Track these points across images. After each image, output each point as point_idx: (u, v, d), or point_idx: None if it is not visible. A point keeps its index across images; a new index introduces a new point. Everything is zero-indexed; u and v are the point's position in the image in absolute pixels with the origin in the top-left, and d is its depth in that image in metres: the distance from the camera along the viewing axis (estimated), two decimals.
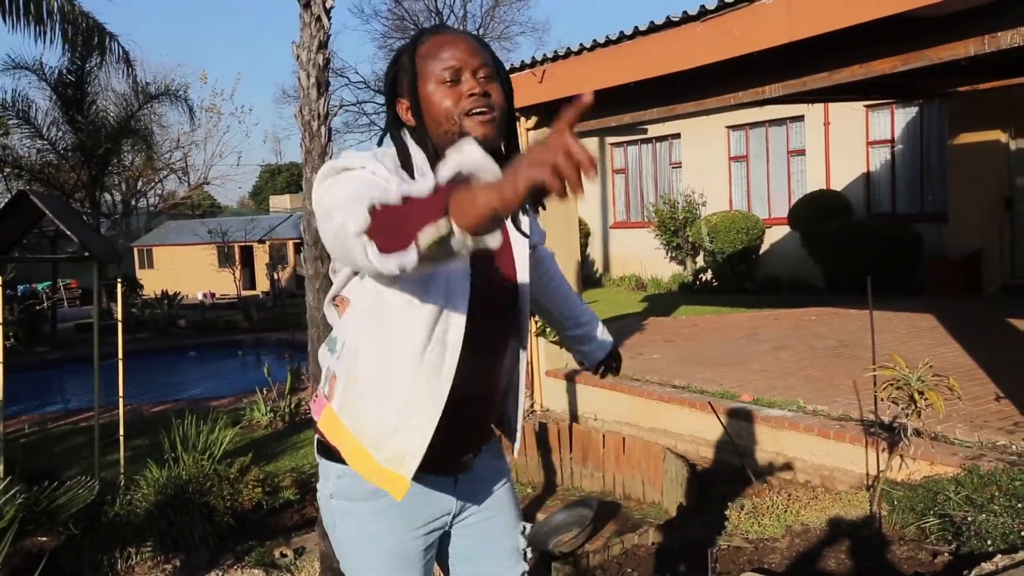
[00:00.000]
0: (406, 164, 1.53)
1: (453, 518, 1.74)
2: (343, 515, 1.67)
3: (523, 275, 1.65)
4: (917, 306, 9.16)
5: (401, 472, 1.52)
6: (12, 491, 3.81)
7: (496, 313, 1.62)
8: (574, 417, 6.66)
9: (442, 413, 1.52)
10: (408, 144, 1.55)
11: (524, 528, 1.87)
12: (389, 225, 1.16)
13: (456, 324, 1.50)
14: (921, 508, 3.93)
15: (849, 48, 4.74)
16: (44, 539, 4.22)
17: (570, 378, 6.81)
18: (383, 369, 1.53)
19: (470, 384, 1.56)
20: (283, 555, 4.24)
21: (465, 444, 1.68)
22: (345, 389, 1.59)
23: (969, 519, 3.67)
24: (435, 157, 1.52)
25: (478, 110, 1.48)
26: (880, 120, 12.71)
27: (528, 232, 1.69)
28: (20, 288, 16.78)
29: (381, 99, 36.14)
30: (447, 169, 1.11)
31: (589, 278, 15.98)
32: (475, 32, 34.20)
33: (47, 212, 5.02)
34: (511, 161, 1.08)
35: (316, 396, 1.71)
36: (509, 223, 1.61)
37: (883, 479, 4.07)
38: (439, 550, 1.79)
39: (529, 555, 1.87)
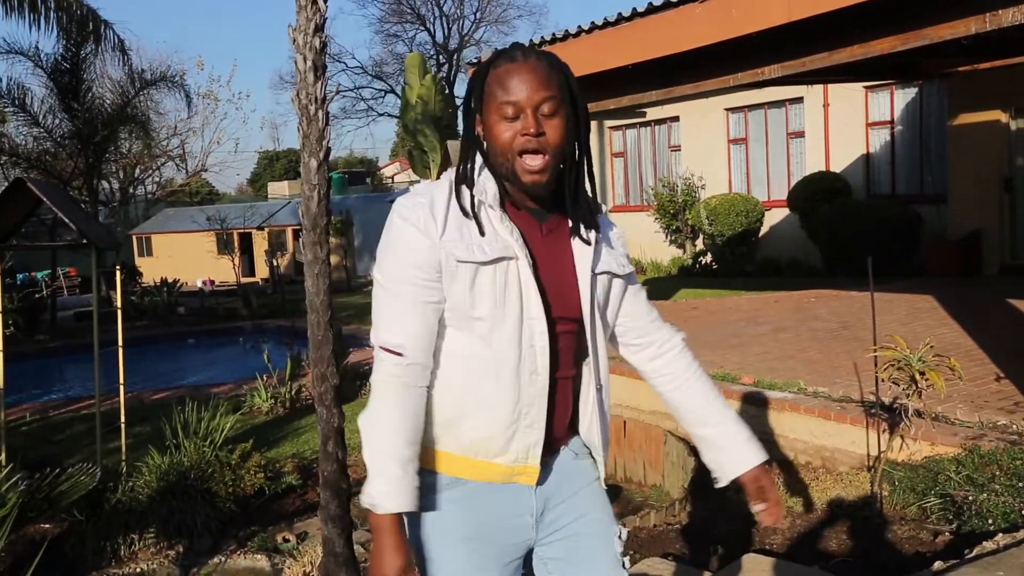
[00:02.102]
0: (467, 192, 1.59)
1: (537, 521, 1.70)
2: (431, 516, 1.66)
3: (585, 276, 1.65)
4: (917, 287, 9.17)
5: (531, 463, 1.64)
6: (14, 478, 3.81)
7: (564, 321, 1.65)
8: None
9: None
10: (475, 170, 1.60)
11: (620, 532, 1.77)
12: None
13: (539, 328, 1.59)
14: (922, 488, 3.94)
15: (848, 28, 4.71)
16: (47, 526, 4.23)
17: None
18: (477, 397, 1.61)
19: (558, 388, 1.65)
20: (285, 540, 4.25)
21: (551, 439, 1.68)
22: (434, 423, 1.64)
23: (970, 499, 3.68)
24: (499, 176, 1.59)
25: (531, 149, 1.53)
26: (880, 101, 12.66)
27: (600, 251, 1.68)
28: (19, 276, 16.76)
29: (379, 84, 36.04)
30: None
31: None
32: (473, 16, 33.83)
33: (45, 200, 5.01)
34: (576, 187, 1.61)
35: None
36: (573, 231, 1.65)
37: (884, 460, 4.08)
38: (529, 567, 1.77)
39: (627, 565, 1.77)
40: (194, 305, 16.34)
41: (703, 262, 14.44)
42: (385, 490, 1.53)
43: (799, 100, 13.44)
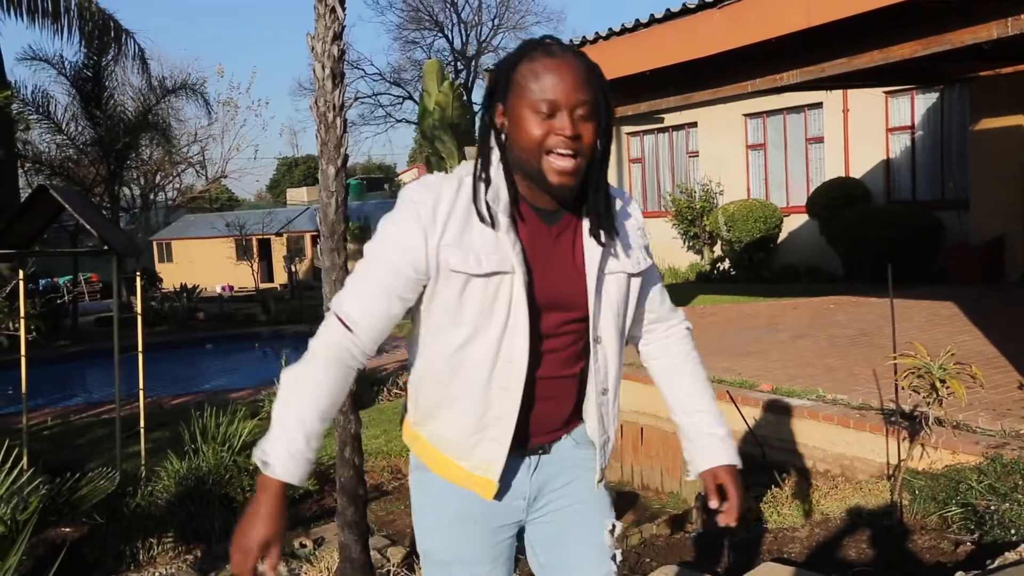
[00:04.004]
0: (480, 190, 1.56)
1: (529, 505, 1.72)
2: (416, 486, 1.74)
3: (592, 279, 1.61)
4: (938, 294, 9.08)
5: (488, 476, 1.63)
6: (35, 482, 3.85)
7: (564, 324, 1.62)
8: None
9: (526, 406, 1.61)
10: (491, 167, 1.55)
11: (613, 526, 1.77)
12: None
13: (520, 345, 1.56)
14: (943, 497, 3.89)
15: (868, 33, 4.68)
16: (67, 530, 4.26)
17: None
18: (449, 400, 1.62)
19: (546, 390, 1.64)
20: (302, 545, 4.26)
21: (540, 432, 1.69)
22: (417, 407, 1.69)
23: (992, 508, 3.63)
24: (512, 172, 1.55)
25: (562, 150, 1.48)
26: (900, 106, 12.57)
27: (616, 249, 1.65)
28: (41, 282, 16.95)
29: (397, 91, 36.23)
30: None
31: None
32: (491, 23, 33.86)
33: (67, 206, 5.06)
34: (598, 185, 1.56)
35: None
36: (584, 231, 1.61)
37: (904, 468, 4.04)
38: (522, 549, 1.79)
39: (619, 558, 1.77)
40: (213, 311, 16.45)
41: (721, 268, 14.39)
42: (285, 457, 1.50)
43: (818, 105, 13.37)
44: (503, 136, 1.54)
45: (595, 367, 1.66)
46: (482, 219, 1.52)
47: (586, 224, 1.60)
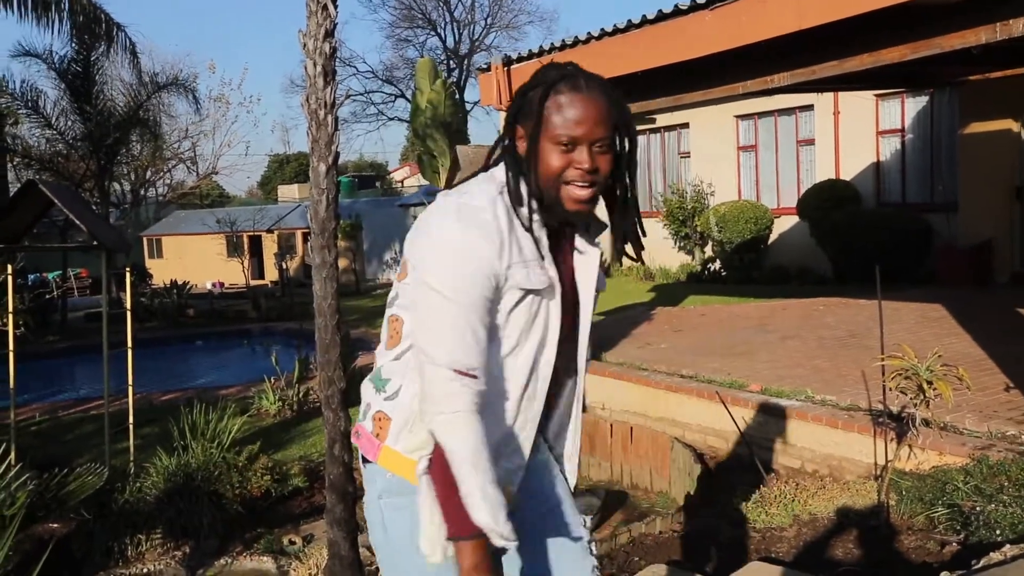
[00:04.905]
0: (517, 202, 1.58)
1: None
2: (394, 511, 1.65)
3: (588, 296, 1.69)
4: (926, 296, 9.13)
5: (511, 488, 1.63)
6: (23, 478, 3.84)
7: (564, 342, 1.67)
8: (582, 406, 6.67)
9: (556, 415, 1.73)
10: (520, 186, 1.58)
11: (585, 521, 1.83)
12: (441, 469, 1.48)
13: (548, 359, 1.62)
14: (930, 498, 3.92)
15: (858, 36, 4.71)
16: (55, 525, 4.25)
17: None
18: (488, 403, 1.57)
19: (554, 400, 1.72)
20: (292, 542, 4.27)
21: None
22: (413, 432, 1.60)
23: (978, 509, 3.66)
24: (530, 194, 1.57)
25: (579, 183, 1.54)
26: (890, 109, 12.63)
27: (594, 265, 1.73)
28: (30, 277, 16.85)
29: (389, 89, 36.17)
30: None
31: None
32: (484, 22, 33.78)
33: (56, 201, 5.04)
34: (619, 213, 1.67)
35: (359, 433, 1.72)
36: (580, 249, 1.68)
37: (891, 469, 4.06)
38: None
39: (594, 551, 1.82)
40: (203, 307, 16.39)
41: (712, 269, 14.42)
42: (502, 517, 1.44)
43: (809, 107, 13.42)
44: (524, 161, 1.57)
45: (575, 383, 1.75)
46: (532, 235, 1.55)
47: (578, 243, 1.68)
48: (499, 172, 1.61)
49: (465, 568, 1.45)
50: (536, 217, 1.56)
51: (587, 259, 1.68)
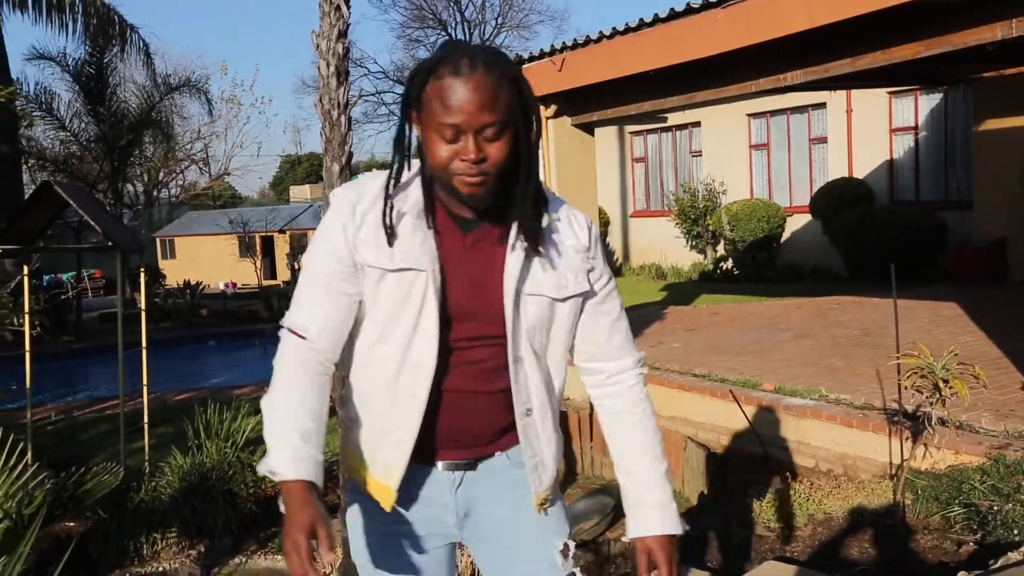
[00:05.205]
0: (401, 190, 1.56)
1: (461, 521, 1.68)
2: (350, 494, 1.74)
3: (509, 296, 1.54)
4: (941, 294, 9.07)
5: (388, 484, 1.60)
6: (40, 476, 3.87)
7: (480, 338, 1.57)
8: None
9: (435, 417, 1.58)
10: (404, 171, 1.55)
11: (566, 546, 1.68)
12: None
13: (428, 351, 1.53)
14: (946, 497, 3.90)
15: (871, 34, 4.68)
16: (71, 524, 4.28)
17: None
18: (361, 397, 1.63)
19: (459, 403, 1.59)
20: None
21: (455, 447, 1.63)
22: (342, 412, 1.71)
23: (995, 508, 3.64)
24: (424, 181, 1.54)
25: (467, 176, 1.44)
26: (904, 107, 12.57)
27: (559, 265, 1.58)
28: (45, 278, 16.97)
29: (400, 89, 36.28)
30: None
31: (608, 268, 15.93)
32: (494, 22, 33.67)
33: (71, 202, 5.08)
34: (524, 201, 1.50)
35: None
36: (509, 244, 1.55)
37: (907, 468, 4.04)
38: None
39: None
40: (216, 307, 16.46)
41: (724, 267, 14.39)
42: (284, 458, 1.45)
43: (822, 106, 13.37)
44: (419, 146, 1.52)
45: (516, 387, 1.58)
46: (384, 220, 1.51)
47: (512, 237, 1.54)
48: (370, 191, 1.58)
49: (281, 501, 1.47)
50: (407, 206, 1.52)
51: (514, 256, 1.54)
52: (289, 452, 1.46)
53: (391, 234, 1.50)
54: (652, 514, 1.63)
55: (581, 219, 1.64)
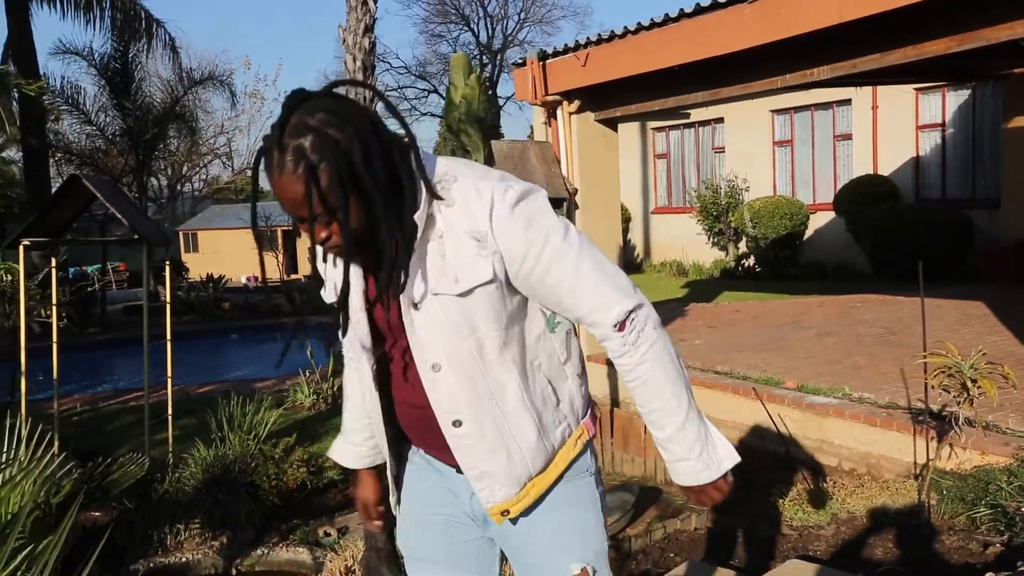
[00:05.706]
0: None
1: (480, 524, 1.69)
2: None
3: (405, 308, 1.51)
4: (967, 293, 8.97)
5: (379, 460, 1.86)
6: (68, 466, 3.91)
7: (404, 349, 1.56)
8: (615, 402, 6.64)
9: (411, 430, 1.70)
10: None
11: (584, 572, 1.62)
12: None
13: (367, 365, 1.63)
14: (972, 498, 3.86)
15: (901, 29, 4.62)
16: (97, 514, 4.33)
17: (610, 363, 6.78)
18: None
19: (410, 414, 1.65)
20: (327, 534, 4.30)
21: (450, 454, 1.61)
22: None
23: (1022, 510, 3.59)
24: None
25: (320, 249, 1.54)
26: (930, 103, 12.42)
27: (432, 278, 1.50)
28: (71, 271, 17.15)
29: (422, 84, 36.30)
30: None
31: (630, 264, 15.89)
32: (517, 17, 33.59)
33: (98, 195, 5.12)
34: (395, 241, 1.42)
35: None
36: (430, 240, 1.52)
37: (932, 468, 4.00)
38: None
39: None
40: (239, 301, 16.57)
41: (746, 265, 14.30)
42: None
43: (847, 102, 13.24)
44: None
45: (435, 397, 1.53)
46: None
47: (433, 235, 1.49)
48: None
49: None
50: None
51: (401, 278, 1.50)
52: (340, 441, 1.98)
53: (323, 261, 1.68)
54: (672, 467, 1.66)
55: (486, 198, 1.45)
